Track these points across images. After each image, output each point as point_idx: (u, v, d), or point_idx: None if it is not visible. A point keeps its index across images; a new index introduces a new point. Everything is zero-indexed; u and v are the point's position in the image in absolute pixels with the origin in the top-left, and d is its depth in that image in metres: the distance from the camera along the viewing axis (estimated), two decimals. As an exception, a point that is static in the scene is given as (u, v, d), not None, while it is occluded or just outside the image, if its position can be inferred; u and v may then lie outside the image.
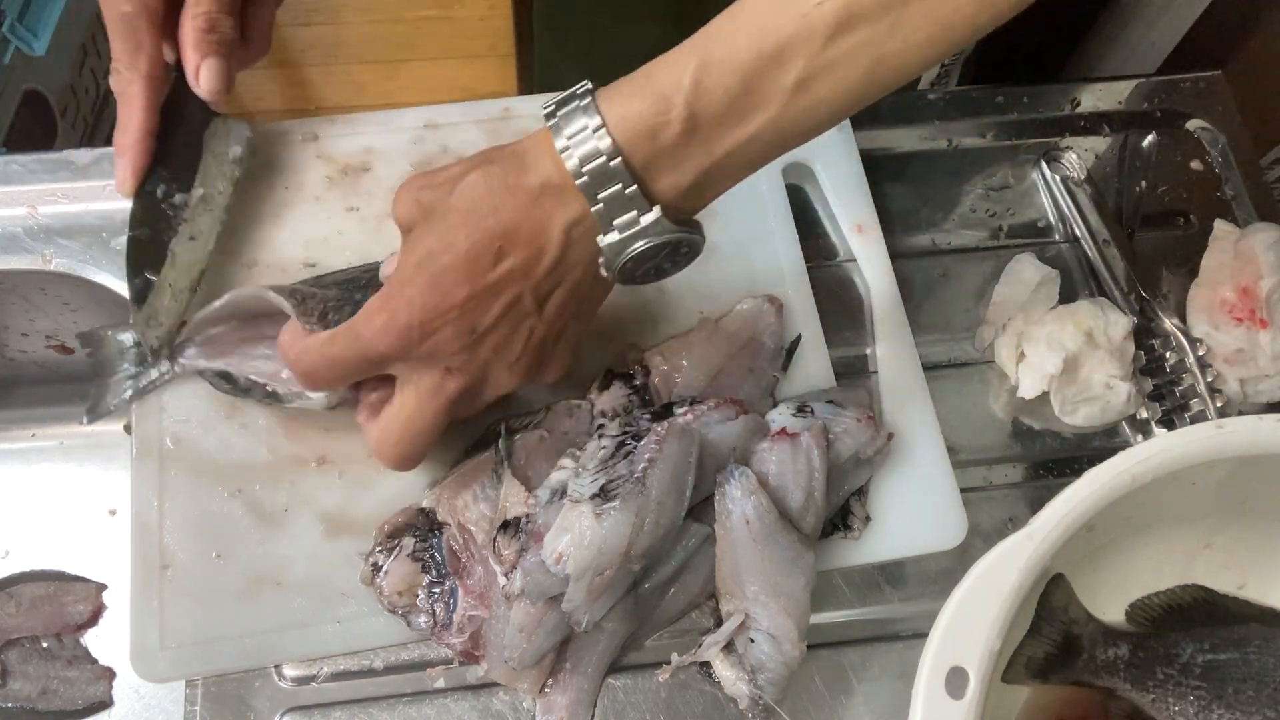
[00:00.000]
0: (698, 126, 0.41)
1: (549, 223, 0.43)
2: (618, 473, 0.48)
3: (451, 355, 0.46)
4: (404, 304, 0.44)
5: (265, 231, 0.59)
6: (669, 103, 0.40)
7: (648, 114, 0.41)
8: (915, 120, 0.72)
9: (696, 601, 0.52)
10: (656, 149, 0.41)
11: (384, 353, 0.45)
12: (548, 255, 0.44)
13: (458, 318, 0.44)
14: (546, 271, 0.44)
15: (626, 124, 0.41)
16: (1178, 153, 0.72)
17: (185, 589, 0.52)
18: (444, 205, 0.45)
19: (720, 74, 0.40)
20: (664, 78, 0.41)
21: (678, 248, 0.45)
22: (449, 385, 0.47)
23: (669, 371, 0.57)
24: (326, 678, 0.55)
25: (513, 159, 0.44)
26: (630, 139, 0.41)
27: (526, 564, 0.48)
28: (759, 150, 0.43)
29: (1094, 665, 0.50)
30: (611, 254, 0.44)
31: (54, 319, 0.70)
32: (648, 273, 0.46)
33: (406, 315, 0.44)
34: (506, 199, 0.43)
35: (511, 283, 0.44)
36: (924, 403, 0.59)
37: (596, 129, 0.41)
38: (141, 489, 0.54)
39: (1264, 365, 0.62)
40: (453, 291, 0.44)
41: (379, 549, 0.52)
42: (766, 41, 0.39)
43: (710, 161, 0.42)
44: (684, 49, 0.41)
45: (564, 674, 0.51)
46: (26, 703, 0.68)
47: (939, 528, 0.56)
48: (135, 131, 0.54)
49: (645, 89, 0.41)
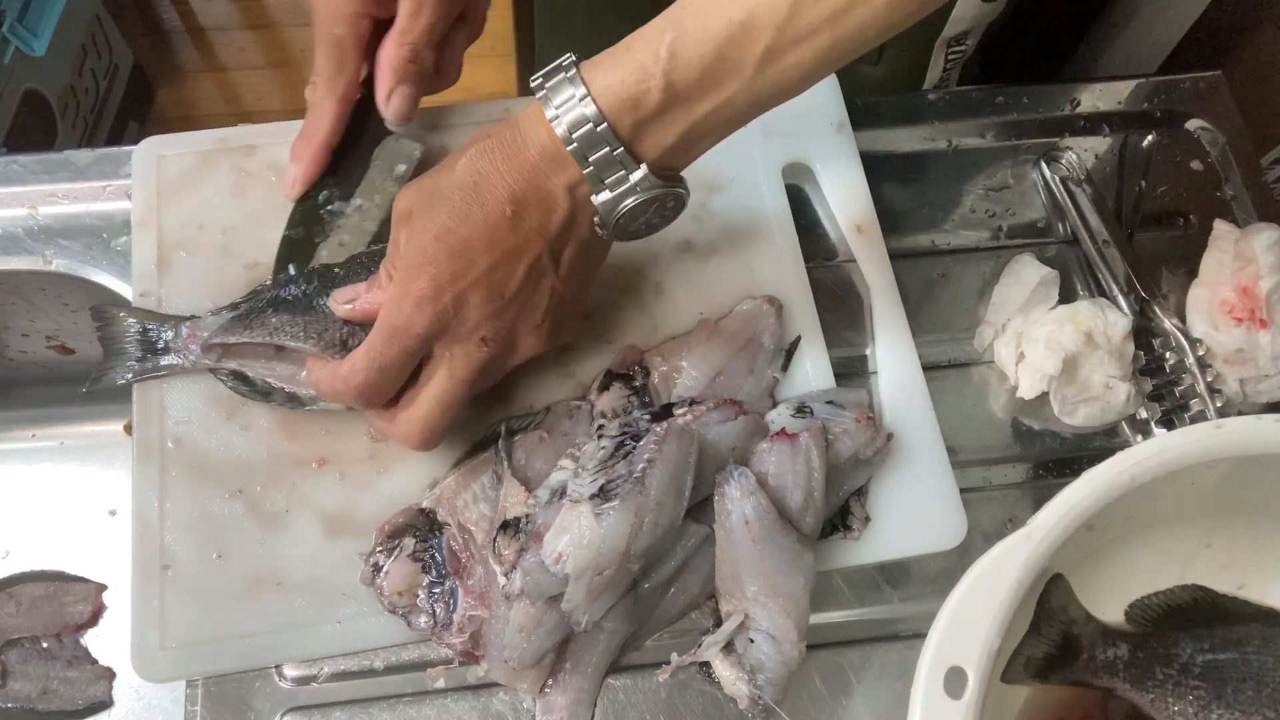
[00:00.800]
0: (676, 93, 0.43)
1: (552, 184, 0.46)
2: (617, 473, 0.48)
3: (483, 322, 0.47)
4: (430, 280, 0.46)
5: (267, 233, 0.59)
6: (648, 72, 0.43)
7: (630, 83, 0.43)
8: (915, 120, 0.72)
9: (696, 602, 0.52)
10: (639, 115, 0.44)
11: (423, 334, 0.47)
12: (558, 213, 0.46)
13: (486, 283, 0.46)
14: (559, 229, 0.47)
15: (610, 92, 0.44)
16: (1178, 153, 0.72)
17: (186, 589, 0.52)
18: (448, 186, 0.47)
19: (694, 44, 0.43)
20: (643, 49, 0.43)
21: (665, 201, 0.47)
22: (481, 354, 0.48)
23: (669, 372, 0.57)
24: (327, 678, 0.55)
25: (508, 131, 0.46)
26: (614, 106, 0.44)
27: (526, 564, 0.48)
28: (735, 112, 0.45)
29: (1093, 665, 0.50)
30: (605, 211, 0.46)
31: (54, 319, 0.70)
32: (639, 228, 0.49)
33: (436, 289, 0.46)
34: (509, 167, 0.46)
35: (530, 244, 0.47)
36: (924, 403, 0.59)
37: (582, 98, 0.44)
38: (142, 489, 0.53)
39: (1264, 365, 0.62)
40: (477, 259, 0.46)
41: (379, 549, 0.52)
42: (736, 13, 0.42)
43: (690, 123, 0.45)
44: (661, 20, 0.44)
45: (564, 674, 0.51)
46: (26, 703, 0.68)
47: (939, 528, 0.56)
48: (318, 144, 0.57)
49: (626, 60, 0.44)
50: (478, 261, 0.46)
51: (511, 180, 0.46)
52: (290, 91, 1.86)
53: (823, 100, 0.66)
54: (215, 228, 0.59)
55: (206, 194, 0.60)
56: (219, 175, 0.61)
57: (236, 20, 1.90)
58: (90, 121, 1.59)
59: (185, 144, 0.61)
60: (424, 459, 0.55)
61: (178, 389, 0.56)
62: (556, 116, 0.44)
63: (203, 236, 0.59)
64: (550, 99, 0.44)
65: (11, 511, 0.75)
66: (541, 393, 0.57)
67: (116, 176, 0.64)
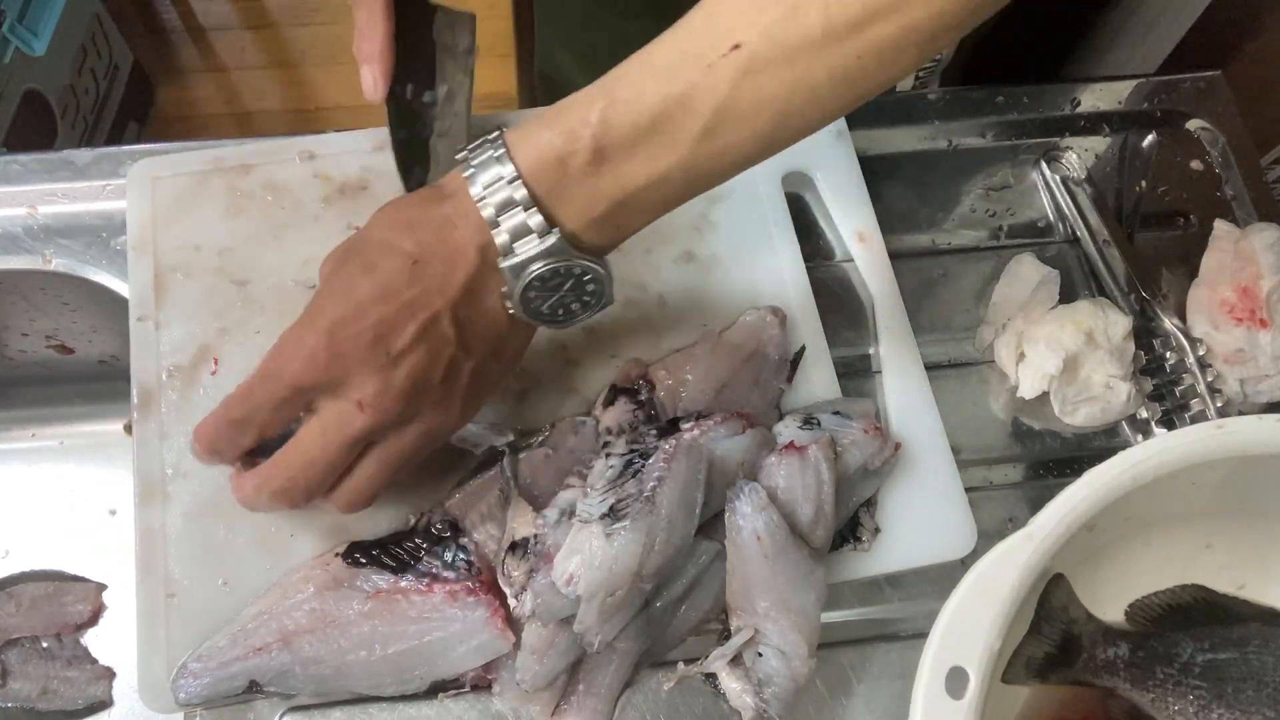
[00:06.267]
0: (606, 158, 0.42)
1: (463, 242, 0.43)
2: (627, 492, 0.47)
3: (364, 382, 0.43)
4: (311, 326, 0.43)
5: (263, 251, 0.59)
6: (575, 135, 0.41)
7: (556, 143, 0.42)
8: (915, 120, 0.72)
9: (708, 618, 0.52)
10: (563, 177, 0.42)
11: (293, 381, 0.43)
12: (462, 271, 0.43)
13: (371, 339, 0.42)
14: (462, 290, 0.44)
15: (534, 151, 0.42)
16: (1178, 153, 0.72)
17: (192, 617, 0.51)
18: (360, 241, 0.45)
19: (627, 112, 0.41)
20: (572, 114, 0.42)
21: (582, 279, 0.45)
22: (357, 421, 0.43)
23: (674, 386, 0.56)
24: (326, 678, 0.54)
25: (428, 190, 0.45)
26: (535, 166, 0.42)
27: (537, 585, 0.47)
28: (670, 190, 0.43)
29: (1094, 665, 0.50)
30: (510, 277, 0.43)
31: (54, 319, 0.70)
32: (554, 310, 0.46)
33: (316, 334, 0.43)
34: (420, 221, 0.44)
35: (428, 300, 0.43)
36: (929, 410, 0.59)
37: (499, 156, 0.42)
38: (145, 516, 0.53)
39: (1264, 365, 0.62)
40: (366, 309, 0.43)
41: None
42: (674, 87, 0.40)
43: (622, 195, 0.43)
44: (594, 89, 0.42)
45: (577, 695, 0.50)
46: (26, 703, 0.68)
47: (948, 537, 0.56)
48: (380, 36, 0.53)
49: (554, 122, 0.42)
50: (367, 311, 0.42)
51: (419, 232, 0.43)
52: (290, 91, 1.86)
53: (823, 105, 0.66)
54: (212, 249, 0.59)
55: (202, 215, 0.60)
56: (214, 196, 0.60)
57: (236, 20, 1.90)
58: (90, 121, 1.59)
59: (180, 165, 0.61)
60: (427, 480, 0.54)
61: (178, 414, 0.55)
62: (472, 173, 0.43)
63: (199, 258, 0.59)
64: (470, 160, 0.43)
65: (11, 511, 0.75)
66: (545, 409, 0.57)
67: (116, 176, 0.64)
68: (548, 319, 0.46)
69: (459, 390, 0.46)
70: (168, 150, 0.62)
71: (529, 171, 0.42)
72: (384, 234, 0.44)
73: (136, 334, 0.57)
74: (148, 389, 0.56)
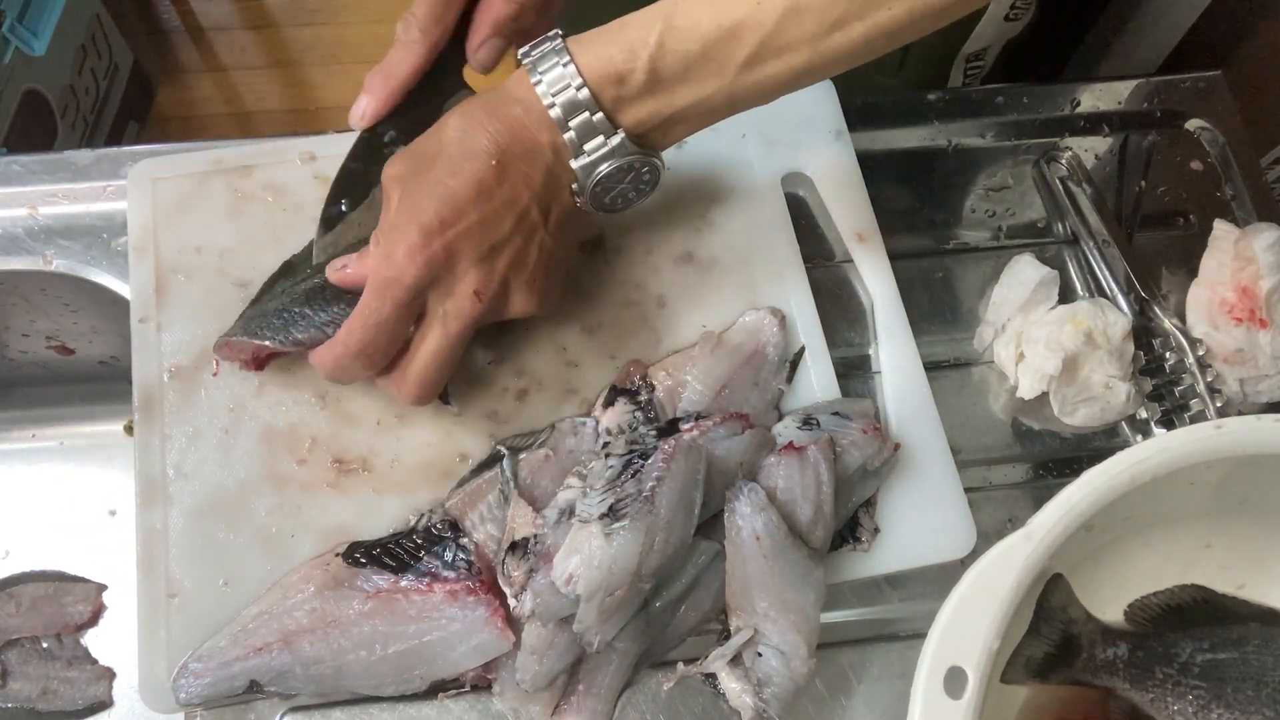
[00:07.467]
0: (659, 80, 0.47)
1: (538, 141, 0.48)
2: (626, 492, 0.48)
3: (474, 272, 0.48)
4: (419, 230, 0.47)
5: (264, 252, 0.59)
6: (635, 54, 0.46)
7: (617, 60, 0.46)
8: (915, 120, 0.72)
9: (708, 618, 0.52)
10: (621, 92, 0.47)
11: (413, 284, 0.47)
12: (540, 167, 0.48)
13: (477, 232, 0.47)
14: (544, 181, 0.48)
15: (597, 64, 0.46)
16: (1178, 153, 0.72)
17: (193, 618, 0.51)
18: (435, 145, 0.48)
19: (683, 39, 0.46)
20: (634, 33, 0.46)
21: (640, 172, 0.50)
22: (473, 308, 0.49)
23: (673, 386, 0.57)
24: (327, 678, 0.54)
25: (493, 94, 0.48)
26: (598, 78, 0.46)
27: (537, 585, 0.47)
28: (712, 107, 0.48)
29: (1093, 665, 0.50)
30: (583, 175, 0.48)
31: (54, 320, 0.70)
32: (615, 199, 0.51)
33: (426, 238, 0.47)
34: (494, 123, 0.47)
35: (518, 195, 0.48)
36: (929, 410, 0.59)
37: (566, 64, 0.46)
38: (147, 520, 0.53)
39: (1264, 365, 0.62)
40: (466, 209, 0.47)
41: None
42: (725, 18, 0.45)
43: (670, 110, 0.48)
44: (654, 10, 0.46)
45: (577, 696, 0.50)
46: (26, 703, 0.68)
47: (948, 537, 0.56)
48: (396, 82, 0.56)
49: (617, 38, 0.46)
50: (467, 211, 0.47)
51: (496, 134, 0.47)
52: (290, 91, 1.86)
53: (821, 109, 0.66)
54: (213, 251, 0.59)
55: (203, 217, 0.60)
56: (215, 197, 0.60)
57: (236, 20, 1.90)
58: (90, 121, 1.59)
59: (180, 166, 0.61)
60: (427, 480, 0.55)
61: (179, 415, 0.55)
62: (540, 81, 0.46)
63: (200, 260, 0.59)
64: (536, 66, 0.47)
65: (11, 511, 0.75)
66: (545, 410, 0.57)
67: (116, 177, 0.64)
68: (608, 208, 0.51)
69: (542, 271, 0.51)
70: (168, 151, 0.62)
71: (592, 79, 0.46)
72: (460, 137, 0.48)
73: (138, 335, 0.57)
74: (149, 390, 0.56)
